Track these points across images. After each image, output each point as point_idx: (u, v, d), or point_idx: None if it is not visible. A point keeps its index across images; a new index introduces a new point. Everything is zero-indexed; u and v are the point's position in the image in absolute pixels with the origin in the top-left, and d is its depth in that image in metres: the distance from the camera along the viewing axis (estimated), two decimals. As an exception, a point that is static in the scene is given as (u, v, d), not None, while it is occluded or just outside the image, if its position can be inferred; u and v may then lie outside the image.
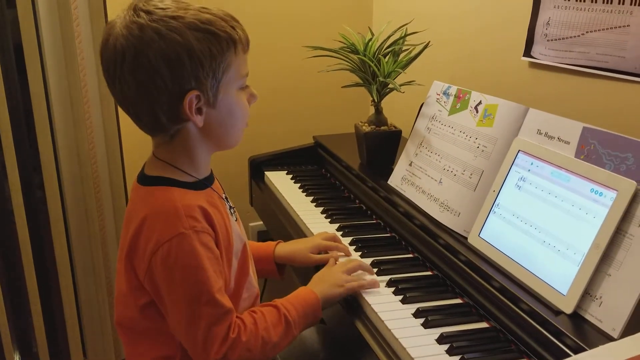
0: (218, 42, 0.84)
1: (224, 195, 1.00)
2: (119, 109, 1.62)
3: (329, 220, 1.30)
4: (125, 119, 1.63)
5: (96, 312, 1.78)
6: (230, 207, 1.00)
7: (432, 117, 1.27)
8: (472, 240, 1.06)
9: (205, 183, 0.95)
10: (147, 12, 0.83)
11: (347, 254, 1.14)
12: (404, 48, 1.36)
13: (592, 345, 0.76)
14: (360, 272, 1.06)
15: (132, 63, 0.83)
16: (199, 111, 0.87)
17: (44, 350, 1.74)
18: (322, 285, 1.01)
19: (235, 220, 1.00)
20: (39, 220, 1.72)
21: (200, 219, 0.88)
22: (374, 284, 1.02)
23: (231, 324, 0.88)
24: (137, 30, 0.82)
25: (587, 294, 0.84)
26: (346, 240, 1.19)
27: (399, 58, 1.35)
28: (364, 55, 1.35)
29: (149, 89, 0.83)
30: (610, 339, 0.79)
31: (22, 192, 1.58)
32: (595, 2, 1.14)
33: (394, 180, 1.31)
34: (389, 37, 1.38)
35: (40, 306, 1.69)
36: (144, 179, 0.93)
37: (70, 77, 1.56)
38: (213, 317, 0.87)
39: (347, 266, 1.05)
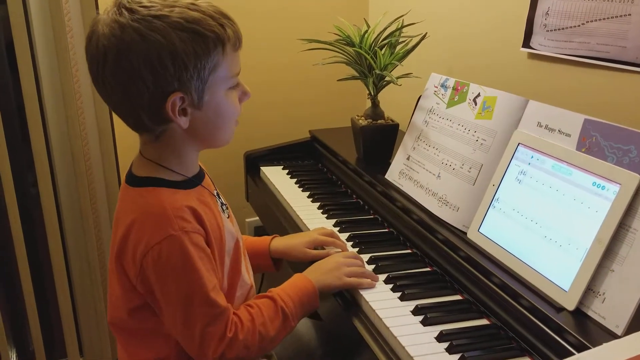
0: (204, 42, 0.81)
1: (215, 192, 0.97)
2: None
3: (326, 215, 1.28)
4: (118, 115, 1.62)
5: (92, 310, 1.77)
6: (222, 203, 0.98)
7: (430, 110, 1.25)
8: (471, 235, 1.04)
9: (195, 181, 0.92)
10: (130, 11, 0.80)
11: (344, 251, 1.12)
12: (401, 40, 1.34)
13: (595, 343, 0.74)
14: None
15: (113, 65, 0.80)
16: (183, 112, 0.84)
17: (40, 348, 1.72)
18: (320, 274, 0.99)
19: (228, 217, 0.98)
20: (33, 218, 1.70)
21: (190, 219, 0.86)
22: (372, 285, 1.00)
23: (228, 323, 0.87)
24: (119, 31, 0.79)
25: (590, 290, 0.82)
26: (343, 236, 1.17)
27: (396, 50, 1.33)
28: (360, 48, 1.32)
29: (131, 91, 0.81)
30: (614, 336, 0.77)
31: (16, 189, 1.56)
32: (596, -9, 1.12)
33: (392, 175, 1.29)
34: (385, 28, 1.36)
35: (36, 304, 1.67)
36: (133, 180, 0.90)
37: (62, 73, 1.54)
38: (208, 317, 0.85)
39: (349, 260, 1.03)
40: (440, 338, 0.87)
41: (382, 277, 1.03)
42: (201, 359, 0.87)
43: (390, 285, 1.00)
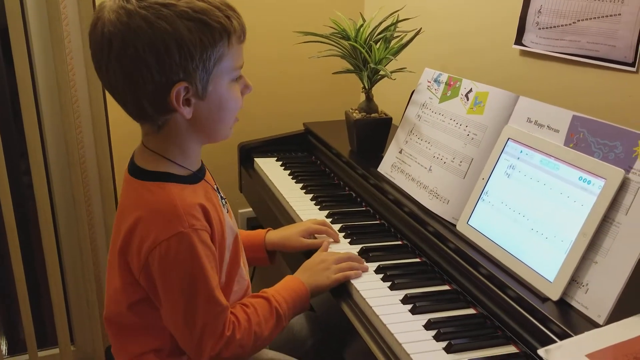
0: (210, 33, 0.81)
1: (215, 187, 0.98)
2: (107, 93, 1.61)
3: (319, 207, 1.30)
4: (113, 102, 1.62)
5: (84, 299, 1.77)
6: (221, 197, 0.99)
7: (423, 105, 1.26)
8: (460, 227, 1.06)
9: (198, 175, 0.93)
10: None
11: (336, 240, 1.14)
12: (396, 35, 1.35)
13: (577, 332, 0.77)
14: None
15: (118, 51, 0.80)
16: (187, 102, 0.84)
17: (31, 336, 1.72)
18: (311, 275, 1.02)
19: (227, 212, 0.98)
20: (25, 206, 1.70)
21: (200, 217, 0.86)
22: (359, 275, 1.02)
23: (226, 321, 0.88)
24: (125, 17, 0.79)
25: (574, 281, 0.84)
26: (335, 227, 1.19)
27: (391, 45, 1.34)
28: (355, 42, 1.34)
29: (135, 78, 0.81)
30: (595, 325, 0.79)
31: (9, 177, 1.56)
32: (587, -10, 1.14)
33: (384, 168, 1.31)
34: (380, 23, 1.37)
35: (28, 293, 1.67)
36: (138, 172, 0.89)
37: (56, 61, 1.54)
38: (210, 315, 0.86)
39: (337, 256, 1.05)
40: (428, 326, 0.89)
41: (373, 267, 1.05)
42: (197, 355, 0.88)
43: (381, 275, 1.02)
